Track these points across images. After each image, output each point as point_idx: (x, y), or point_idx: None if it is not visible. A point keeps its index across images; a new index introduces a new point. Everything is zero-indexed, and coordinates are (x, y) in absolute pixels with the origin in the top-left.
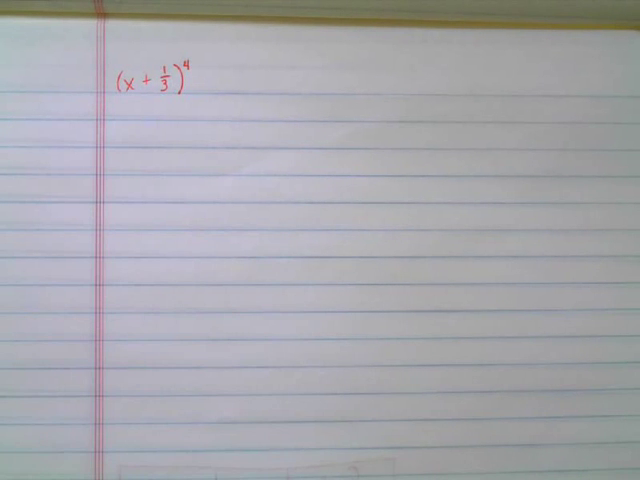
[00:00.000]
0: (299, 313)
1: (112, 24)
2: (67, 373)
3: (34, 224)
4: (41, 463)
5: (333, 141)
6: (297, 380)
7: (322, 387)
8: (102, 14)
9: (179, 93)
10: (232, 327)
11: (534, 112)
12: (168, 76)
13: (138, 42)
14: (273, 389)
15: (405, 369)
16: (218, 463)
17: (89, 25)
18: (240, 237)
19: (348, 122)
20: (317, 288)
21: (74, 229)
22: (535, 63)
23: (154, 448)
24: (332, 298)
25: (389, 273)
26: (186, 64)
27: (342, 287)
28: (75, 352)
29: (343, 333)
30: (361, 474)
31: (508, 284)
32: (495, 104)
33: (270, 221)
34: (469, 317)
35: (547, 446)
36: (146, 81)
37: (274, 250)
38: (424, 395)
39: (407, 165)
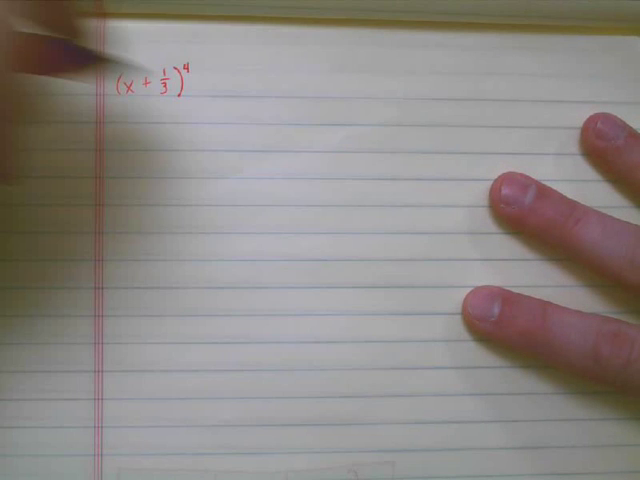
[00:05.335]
0: (299, 316)
1: (112, 24)
2: (67, 376)
3: (34, 225)
4: (40, 465)
5: (333, 144)
6: (296, 383)
7: (321, 390)
8: (102, 14)
9: (179, 96)
10: (232, 329)
11: (533, 117)
12: (168, 79)
13: (138, 44)
14: (272, 392)
15: (404, 371)
16: (217, 466)
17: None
18: (240, 239)
19: (348, 125)
20: (316, 291)
21: (74, 231)
22: (535, 68)
23: (153, 451)
24: (332, 301)
25: (389, 276)
26: (186, 67)
27: (341, 290)
28: (75, 355)
29: (343, 336)
30: (360, 477)
31: (506, 286)
32: (494, 109)
33: (270, 224)
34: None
35: (546, 448)
36: (146, 84)
37: (273, 252)
38: (423, 398)
39: (406, 168)
